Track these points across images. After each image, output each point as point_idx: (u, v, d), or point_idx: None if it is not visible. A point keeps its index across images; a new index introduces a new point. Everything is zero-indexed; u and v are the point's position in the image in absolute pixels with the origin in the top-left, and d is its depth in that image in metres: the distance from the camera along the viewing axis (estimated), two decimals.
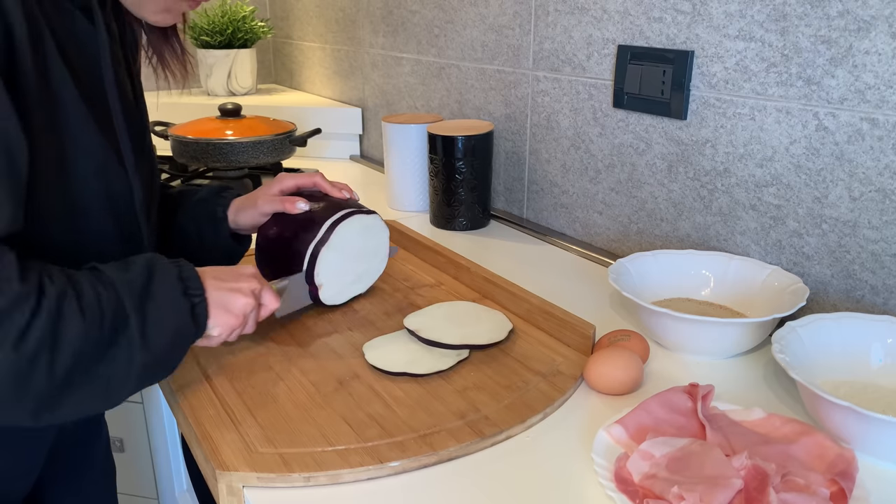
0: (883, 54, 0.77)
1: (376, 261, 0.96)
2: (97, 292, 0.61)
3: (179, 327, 0.65)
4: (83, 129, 0.66)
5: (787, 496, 0.55)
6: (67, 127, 0.65)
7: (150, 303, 0.63)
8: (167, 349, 0.65)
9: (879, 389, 0.73)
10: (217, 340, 0.72)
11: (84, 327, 0.59)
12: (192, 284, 0.67)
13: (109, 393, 0.62)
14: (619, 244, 1.13)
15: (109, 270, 0.63)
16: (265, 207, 0.88)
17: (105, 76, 0.70)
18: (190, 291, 0.67)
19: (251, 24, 1.98)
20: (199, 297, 0.68)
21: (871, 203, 0.81)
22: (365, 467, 0.62)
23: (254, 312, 0.74)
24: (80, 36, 0.68)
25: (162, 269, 0.66)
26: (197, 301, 0.67)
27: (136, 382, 0.64)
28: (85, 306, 0.59)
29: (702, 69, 0.95)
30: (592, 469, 0.62)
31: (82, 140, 0.66)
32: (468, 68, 1.38)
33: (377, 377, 0.76)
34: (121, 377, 0.62)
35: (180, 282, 0.66)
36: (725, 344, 0.81)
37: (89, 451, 0.89)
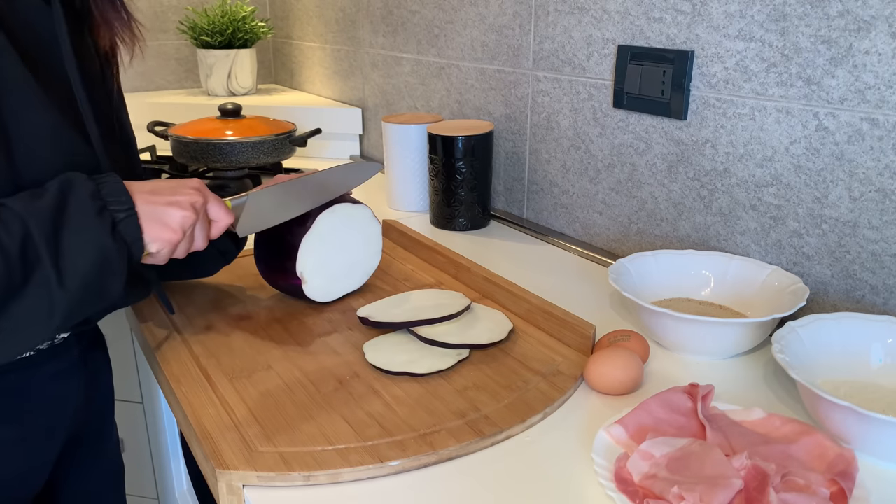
0: (883, 54, 0.77)
1: (367, 255, 0.96)
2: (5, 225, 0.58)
3: (100, 248, 0.62)
4: (25, 102, 0.64)
5: (787, 496, 0.55)
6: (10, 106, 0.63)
7: (63, 230, 0.60)
8: (92, 276, 0.62)
9: (879, 389, 0.73)
10: (160, 258, 0.69)
11: None
12: (113, 199, 0.64)
13: (33, 332, 0.60)
14: (619, 244, 1.13)
15: (17, 202, 0.60)
16: None
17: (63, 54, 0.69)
18: (111, 207, 0.64)
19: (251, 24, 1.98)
20: (124, 213, 0.64)
21: (871, 203, 0.81)
22: (365, 466, 0.62)
23: (200, 227, 0.72)
24: (29, 10, 0.67)
25: (76, 190, 0.62)
26: (121, 217, 0.64)
27: (62, 319, 0.61)
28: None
29: (702, 69, 0.95)
30: (592, 469, 0.62)
31: (30, 118, 0.64)
32: (468, 68, 1.38)
33: (377, 376, 0.76)
34: (42, 313, 0.59)
35: (96, 199, 0.63)
36: (725, 344, 0.81)
37: (99, 451, 0.89)
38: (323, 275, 0.91)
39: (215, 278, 1.02)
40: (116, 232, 0.63)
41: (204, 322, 0.89)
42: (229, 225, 0.75)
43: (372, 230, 0.96)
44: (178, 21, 2.13)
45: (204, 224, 0.73)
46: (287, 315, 0.91)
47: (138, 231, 0.65)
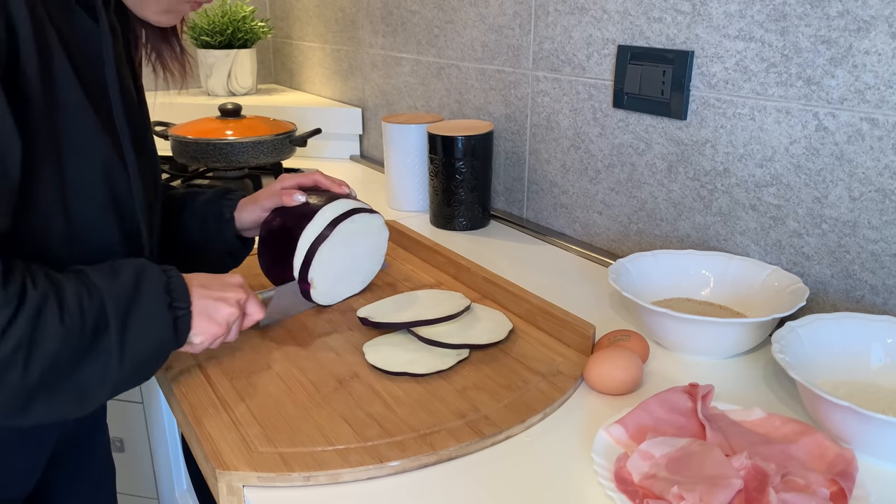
0: (883, 54, 0.77)
1: (370, 262, 0.97)
2: (80, 299, 0.61)
3: (160, 340, 0.65)
4: (85, 131, 0.66)
5: (787, 496, 0.55)
6: (68, 129, 0.65)
7: (133, 314, 0.63)
8: (145, 360, 0.65)
9: (879, 389, 0.73)
10: (199, 348, 0.72)
11: (63, 333, 0.59)
12: (178, 296, 0.67)
13: (83, 399, 0.63)
14: (619, 244, 1.13)
15: (96, 276, 0.63)
16: (266, 203, 0.89)
17: (108, 76, 0.70)
18: (175, 304, 0.67)
19: (251, 24, 1.98)
20: (183, 311, 0.68)
21: (871, 203, 0.81)
22: (365, 467, 0.62)
23: (237, 322, 0.74)
24: (83, 35, 0.67)
25: (150, 279, 0.66)
26: (181, 314, 0.67)
27: (110, 390, 0.64)
28: (66, 312, 0.59)
29: (702, 69, 0.95)
30: (592, 469, 0.62)
31: (84, 141, 0.66)
32: (468, 68, 1.38)
33: (377, 377, 0.76)
34: (95, 384, 0.62)
35: (167, 294, 0.66)
36: (725, 344, 0.81)
37: (90, 453, 0.89)
38: (330, 280, 0.91)
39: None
40: (177, 328, 0.67)
41: None
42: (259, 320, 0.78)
43: (381, 238, 0.96)
44: None
45: (240, 318, 0.75)
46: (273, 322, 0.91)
47: (189, 327, 0.69)
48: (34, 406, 0.60)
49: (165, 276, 0.67)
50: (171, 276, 0.68)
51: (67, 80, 0.64)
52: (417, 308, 0.86)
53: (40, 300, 0.58)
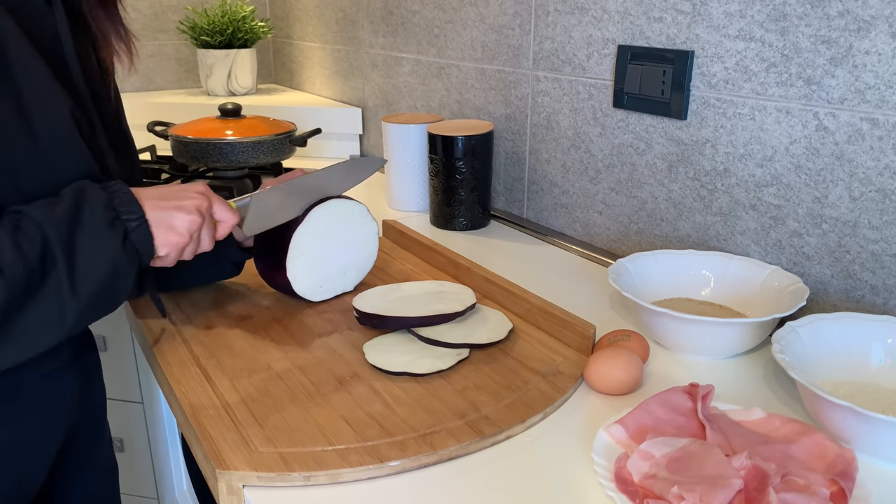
0: (883, 54, 0.77)
1: (362, 256, 0.96)
2: (15, 240, 0.60)
3: (111, 257, 0.65)
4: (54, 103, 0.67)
5: (787, 496, 0.55)
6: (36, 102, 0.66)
7: (77, 236, 0.63)
8: (102, 281, 0.65)
9: (879, 389, 0.73)
10: (169, 261, 0.72)
11: (4, 281, 0.59)
12: (125, 209, 0.67)
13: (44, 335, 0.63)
14: (619, 244, 1.13)
15: (34, 210, 0.63)
16: None
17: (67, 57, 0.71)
18: (123, 217, 0.67)
19: (251, 24, 1.98)
20: (135, 222, 0.67)
21: (871, 203, 0.81)
22: (365, 467, 0.62)
23: (206, 229, 0.74)
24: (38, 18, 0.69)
25: (90, 199, 0.65)
26: (133, 226, 0.67)
27: (75, 319, 0.64)
28: (3, 257, 0.59)
29: (702, 69, 0.95)
30: (592, 469, 0.62)
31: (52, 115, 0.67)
32: (468, 68, 1.38)
33: (377, 376, 0.76)
34: (55, 317, 0.62)
35: (109, 210, 0.66)
36: (725, 344, 0.81)
37: (94, 451, 0.89)
38: (315, 274, 0.91)
39: None
40: (128, 241, 0.67)
41: (204, 322, 0.89)
42: (235, 224, 0.78)
43: (368, 230, 0.96)
44: (178, 21, 2.13)
45: (210, 226, 0.75)
46: (287, 315, 0.91)
47: (149, 238, 0.68)
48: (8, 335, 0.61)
49: (106, 193, 0.67)
50: (113, 191, 0.67)
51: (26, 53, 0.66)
52: (419, 304, 0.86)
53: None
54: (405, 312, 0.83)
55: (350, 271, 0.96)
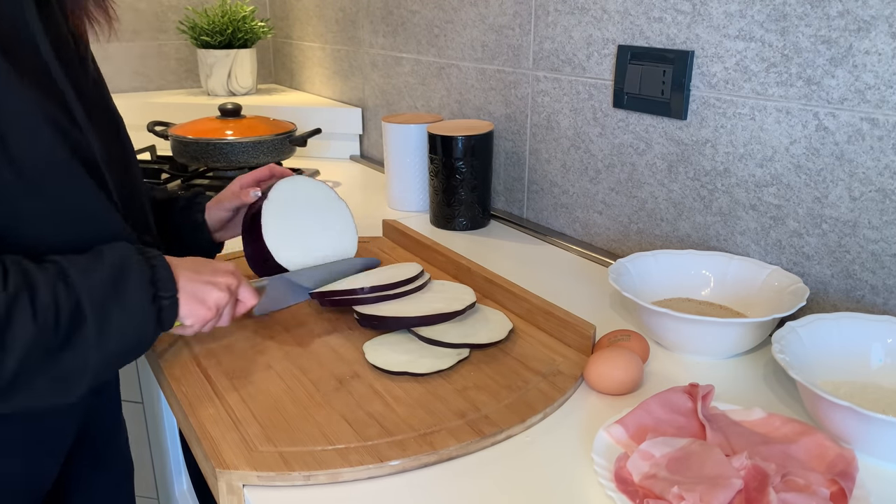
0: (883, 54, 0.77)
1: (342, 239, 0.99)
2: (55, 294, 0.61)
3: (143, 332, 0.66)
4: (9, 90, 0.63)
5: (787, 496, 0.55)
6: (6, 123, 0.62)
7: (114, 309, 0.64)
8: (126, 350, 0.66)
9: (879, 389, 0.73)
10: (191, 330, 0.73)
11: (35, 332, 0.60)
12: (163, 286, 0.68)
13: (64, 388, 0.64)
14: (619, 244, 1.13)
15: (74, 271, 0.63)
16: (227, 203, 0.95)
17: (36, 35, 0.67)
18: (160, 294, 0.67)
19: (251, 24, 1.98)
20: (168, 300, 0.68)
21: (871, 203, 0.81)
22: (365, 466, 0.62)
23: (229, 307, 0.75)
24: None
25: (133, 272, 0.66)
26: (166, 304, 0.68)
27: (91, 379, 0.65)
28: (38, 310, 0.60)
29: (702, 69, 0.95)
30: (592, 469, 0.62)
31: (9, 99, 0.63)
32: (468, 68, 1.38)
33: (377, 376, 0.76)
34: (76, 375, 0.63)
35: (151, 286, 0.67)
36: (725, 344, 0.81)
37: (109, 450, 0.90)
38: (294, 247, 0.93)
39: None
40: (161, 319, 0.68)
41: None
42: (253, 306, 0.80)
43: (336, 207, 0.99)
44: (178, 21, 2.13)
45: (232, 304, 0.77)
46: (287, 315, 0.91)
47: (176, 314, 0.70)
48: (14, 396, 0.61)
49: (149, 267, 0.67)
50: (155, 266, 0.68)
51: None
52: (419, 303, 0.86)
53: (9, 302, 0.59)
54: (404, 313, 0.83)
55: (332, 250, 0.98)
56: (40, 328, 0.60)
